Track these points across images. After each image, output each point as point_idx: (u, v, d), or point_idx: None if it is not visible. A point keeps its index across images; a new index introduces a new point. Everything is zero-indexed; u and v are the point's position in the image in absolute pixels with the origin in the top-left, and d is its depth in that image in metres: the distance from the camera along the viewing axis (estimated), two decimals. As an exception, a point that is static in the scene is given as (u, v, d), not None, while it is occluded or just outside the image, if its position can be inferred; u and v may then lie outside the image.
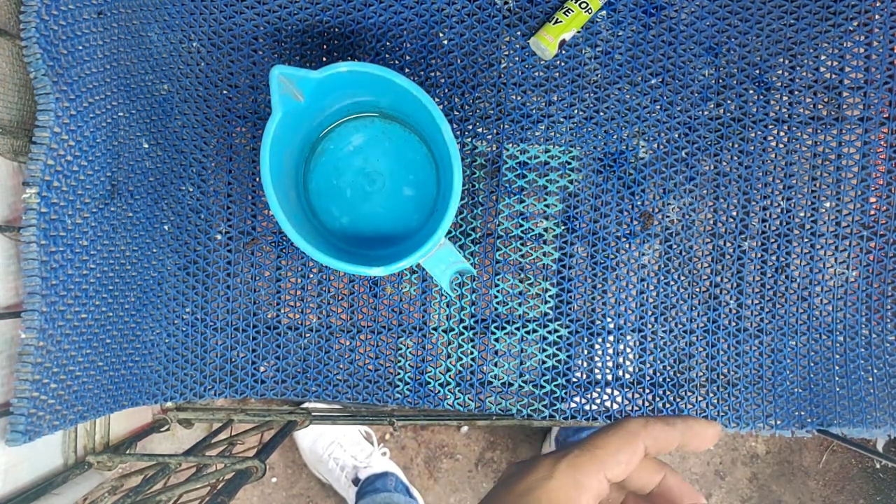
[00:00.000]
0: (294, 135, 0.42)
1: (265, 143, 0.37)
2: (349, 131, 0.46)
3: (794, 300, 0.48)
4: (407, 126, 0.46)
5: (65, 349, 0.39)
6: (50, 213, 0.38)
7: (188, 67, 0.46)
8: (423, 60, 0.47)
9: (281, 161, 0.40)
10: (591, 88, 0.48)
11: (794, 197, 0.48)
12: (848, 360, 0.48)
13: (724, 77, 0.48)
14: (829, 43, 0.47)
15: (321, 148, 0.47)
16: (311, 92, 0.38)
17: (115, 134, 0.42)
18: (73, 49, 0.39)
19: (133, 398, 0.46)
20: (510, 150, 0.48)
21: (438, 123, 0.38)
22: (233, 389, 0.48)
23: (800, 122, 0.48)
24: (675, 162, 0.48)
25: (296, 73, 0.37)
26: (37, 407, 0.38)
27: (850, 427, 0.48)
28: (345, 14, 0.47)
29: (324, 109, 0.43)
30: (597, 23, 0.47)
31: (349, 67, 0.38)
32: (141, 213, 0.45)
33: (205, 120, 0.47)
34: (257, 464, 0.44)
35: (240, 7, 0.46)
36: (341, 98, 0.43)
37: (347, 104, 0.44)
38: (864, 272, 0.48)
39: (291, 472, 0.98)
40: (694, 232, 0.49)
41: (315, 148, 0.46)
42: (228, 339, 0.48)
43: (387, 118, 0.46)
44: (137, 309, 0.46)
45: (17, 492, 0.40)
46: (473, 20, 0.47)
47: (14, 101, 0.40)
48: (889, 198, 0.48)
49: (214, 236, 0.48)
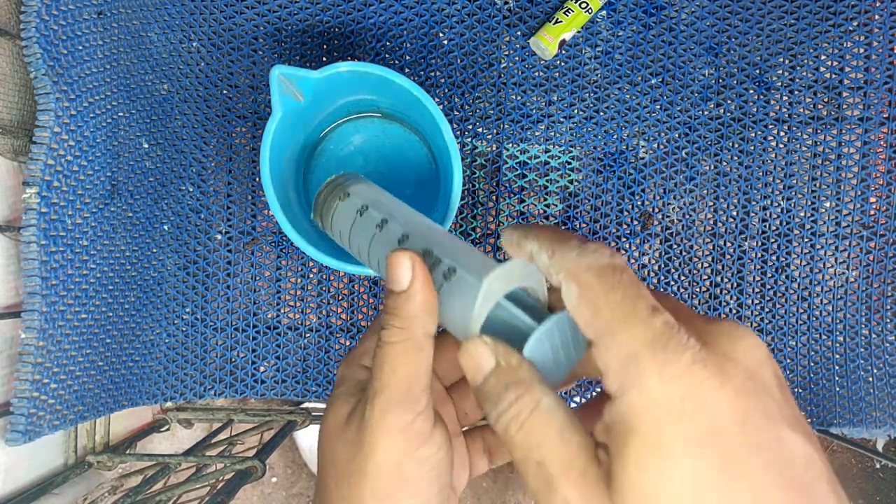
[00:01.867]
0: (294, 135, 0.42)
1: (265, 143, 0.37)
2: (349, 131, 0.46)
3: (795, 300, 0.48)
4: (407, 126, 0.46)
5: (65, 349, 0.39)
6: (50, 213, 0.38)
7: (188, 67, 0.46)
8: (423, 60, 0.47)
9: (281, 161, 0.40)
10: (591, 88, 0.48)
11: (795, 197, 0.48)
12: (848, 360, 0.48)
13: (724, 77, 0.48)
14: (829, 43, 0.47)
15: (321, 148, 0.47)
16: (311, 92, 0.38)
17: (115, 134, 0.42)
18: (73, 49, 0.39)
19: (133, 398, 0.46)
20: (510, 150, 0.48)
21: (438, 123, 0.38)
22: (233, 389, 0.48)
23: (800, 121, 0.48)
24: (675, 162, 0.48)
25: (296, 73, 0.37)
26: (37, 407, 0.38)
27: (850, 427, 0.48)
28: (345, 14, 0.47)
29: (324, 109, 0.43)
30: (597, 23, 0.47)
31: (349, 67, 0.38)
32: (141, 213, 0.45)
33: (205, 120, 0.47)
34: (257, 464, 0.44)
35: (240, 7, 0.46)
36: (341, 98, 0.43)
37: (347, 104, 0.44)
38: (863, 272, 0.48)
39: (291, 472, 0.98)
40: (694, 232, 0.49)
41: (315, 148, 0.46)
42: (228, 339, 0.48)
43: (387, 118, 0.46)
44: (137, 309, 0.46)
45: (17, 492, 0.40)
46: (473, 20, 0.47)
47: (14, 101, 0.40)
48: (889, 198, 0.48)
49: (214, 236, 0.48)
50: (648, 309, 0.20)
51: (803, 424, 0.20)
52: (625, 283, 0.21)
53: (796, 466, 0.19)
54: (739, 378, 0.20)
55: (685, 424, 0.19)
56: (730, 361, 0.20)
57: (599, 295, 0.21)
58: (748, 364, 0.20)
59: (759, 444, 0.19)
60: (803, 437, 0.20)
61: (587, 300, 0.21)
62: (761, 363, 0.20)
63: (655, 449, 0.19)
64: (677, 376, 0.19)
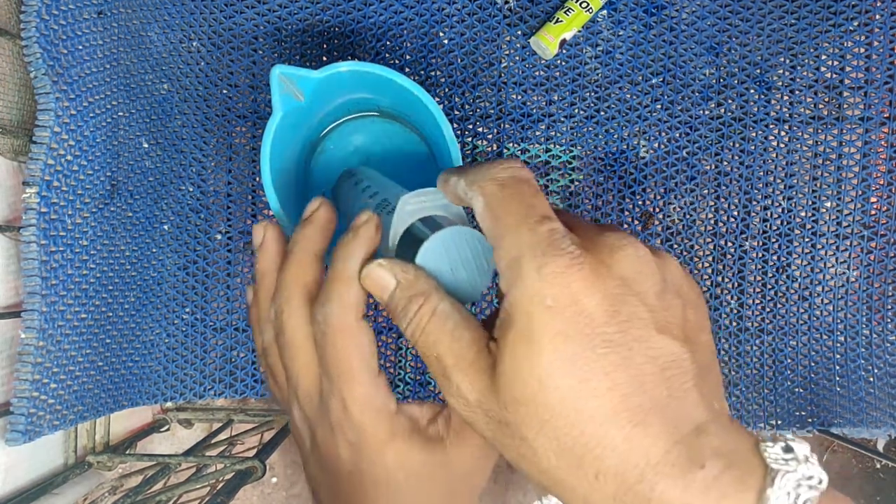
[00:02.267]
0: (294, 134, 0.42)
1: (265, 142, 0.37)
2: (349, 131, 0.46)
3: (796, 300, 0.48)
4: (408, 125, 0.46)
5: (65, 349, 0.39)
6: (50, 212, 0.38)
7: (188, 67, 0.46)
8: (424, 60, 0.47)
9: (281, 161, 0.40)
10: (592, 88, 0.48)
11: (795, 196, 0.48)
12: (848, 360, 0.48)
13: (725, 77, 0.48)
14: (829, 43, 0.47)
15: (321, 147, 0.46)
16: (312, 91, 0.38)
17: (115, 134, 0.42)
18: (73, 49, 0.39)
19: (133, 398, 0.46)
20: (511, 150, 0.48)
21: (440, 123, 0.38)
22: (233, 389, 0.48)
23: (801, 121, 0.48)
24: (676, 161, 0.48)
25: (296, 73, 0.37)
26: (37, 407, 0.38)
27: (850, 427, 0.48)
28: (345, 14, 0.47)
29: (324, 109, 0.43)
30: (597, 22, 0.47)
31: (350, 67, 0.37)
32: (141, 213, 0.45)
33: (205, 120, 0.47)
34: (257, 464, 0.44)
35: (240, 7, 0.46)
36: (341, 97, 0.43)
37: (348, 103, 0.44)
38: (864, 272, 0.48)
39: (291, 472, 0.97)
40: (695, 231, 0.48)
41: (315, 147, 0.46)
42: (228, 339, 0.48)
43: (387, 118, 0.46)
44: (137, 309, 0.46)
45: (17, 492, 0.40)
46: (474, 19, 0.47)
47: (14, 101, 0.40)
48: (889, 198, 0.48)
49: (214, 236, 0.48)
50: (538, 217, 0.23)
51: (684, 331, 0.23)
52: (523, 193, 0.24)
53: (658, 363, 0.21)
54: (611, 283, 0.22)
55: (554, 319, 0.21)
56: (605, 268, 0.22)
57: (500, 203, 0.24)
58: (622, 271, 0.22)
59: (621, 342, 0.21)
60: (675, 340, 0.22)
61: (489, 209, 0.24)
62: (639, 272, 0.22)
63: (527, 339, 0.21)
64: (552, 276, 0.21)
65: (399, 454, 0.29)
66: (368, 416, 0.28)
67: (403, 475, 0.29)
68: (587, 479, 0.21)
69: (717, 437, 0.21)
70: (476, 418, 0.24)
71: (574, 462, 0.21)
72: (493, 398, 0.22)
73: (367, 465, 0.29)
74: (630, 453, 0.20)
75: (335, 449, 0.29)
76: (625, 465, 0.20)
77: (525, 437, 0.22)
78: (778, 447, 0.21)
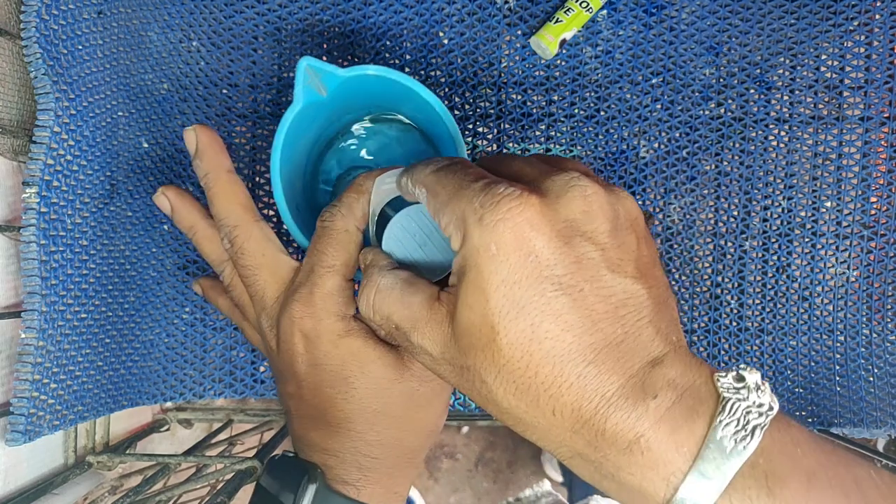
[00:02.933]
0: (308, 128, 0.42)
1: (282, 128, 0.37)
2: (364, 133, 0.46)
3: (796, 300, 0.48)
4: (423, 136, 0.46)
5: (65, 349, 0.39)
6: (50, 212, 0.38)
7: (188, 67, 0.46)
8: (424, 60, 0.47)
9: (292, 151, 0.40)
10: (592, 88, 0.48)
11: (795, 196, 0.48)
12: (848, 360, 0.48)
13: (725, 76, 0.48)
14: (829, 43, 0.47)
15: (333, 147, 0.46)
16: (335, 88, 0.38)
17: (115, 134, 0.42)
18: (73, 49, 0.39)
19: (133, 398, 0.46)
20: (511, 150, 0.48)
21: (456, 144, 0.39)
22: (233, 389, 0.48)
23: (801, 121, 0.48)
24: (676, 161, 0.48)
25: (323, 68, 0.37)
26: (37, 407, 0.38)
27: (850, 427, 0.48)
28: (345, 14, 0.47)
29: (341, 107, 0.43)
30: (597, 22, 0.47)
31: (377, 72, 0.37)
32: (140, 213, 0.45)
33: (205, 119, 0.47)
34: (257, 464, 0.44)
35: (240, 6, 0.46)
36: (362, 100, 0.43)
37: (367, 106, 0.44)
38: (864, 272, 0.48)
39: (291, 472, 0.97)
40: (695, 231, 0.49)
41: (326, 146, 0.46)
42: (228, 339, 0.48)
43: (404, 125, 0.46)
44: (137, 309, 0.46)
45: (17, 492, 0.40)
46: (474, 19, 0.47)
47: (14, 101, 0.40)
48: (889, 198, 0.48)
49: (214, 236, 0.48)
50: (473, 178, 0.24)
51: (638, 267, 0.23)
52: (457, 170, 0.25)
53: (611, 302, 0.22)
54: (559, 224, 0.22)
55: (500, 266, 0.22)
56: (551, 210, 0.22)
57: (436, 184, 0.25)
58: (570, 212, 0.23)
59: (571, 283, 0.22)
60: (627, 277, 0.23)
61: (431, 194, 0.25)
62: (586, 212, 0.23)
63: (476, 288, 0.22)
64: (492, 225, 0.22)
65: (353, 349, 0.30)
66: (329, 305, 0.30)
67: (358, 369, 0.30)
68: (545, 415, 0.22)
69: (672, 368, 0.22)
70: (442, 369, 0.25)
71: (532, 401, 0.22)
72: (453, 347, 0.24)
73: (322, 356, 0.30)
74: (584, 390, 0.21)
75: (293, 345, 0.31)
76: (580, 400, 0.21)
77: (485, 381, 0.23)
78: (730, 377, 0.21)
